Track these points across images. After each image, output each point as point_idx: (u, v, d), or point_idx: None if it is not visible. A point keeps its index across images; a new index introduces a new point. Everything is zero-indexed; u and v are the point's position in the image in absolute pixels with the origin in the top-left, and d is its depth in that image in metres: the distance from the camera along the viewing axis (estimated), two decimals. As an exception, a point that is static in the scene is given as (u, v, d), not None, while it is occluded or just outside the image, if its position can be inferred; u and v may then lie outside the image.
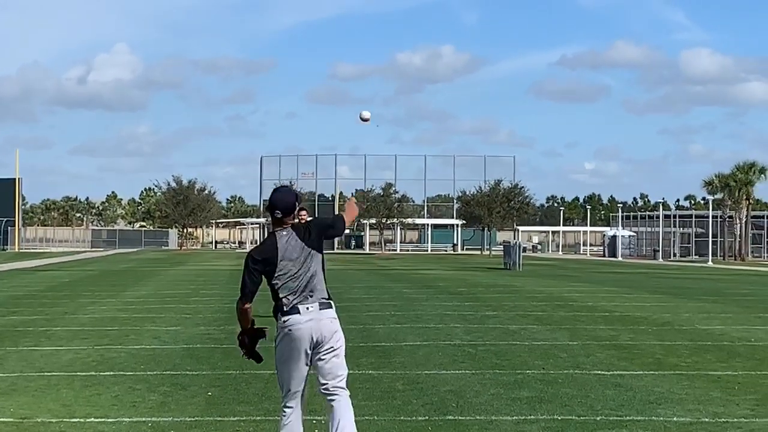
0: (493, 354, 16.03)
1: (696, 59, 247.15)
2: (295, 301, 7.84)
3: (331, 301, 8.03)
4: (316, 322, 7.82)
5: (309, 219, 8.31)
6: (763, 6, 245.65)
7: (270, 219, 8.05)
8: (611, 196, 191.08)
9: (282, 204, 7.94)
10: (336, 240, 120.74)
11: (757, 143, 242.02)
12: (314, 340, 7.82)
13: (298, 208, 8.03)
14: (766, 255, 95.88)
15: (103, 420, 10.57)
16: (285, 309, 7.85)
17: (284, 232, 7.92)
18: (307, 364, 7.91)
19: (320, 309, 7.88)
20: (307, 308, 7.83)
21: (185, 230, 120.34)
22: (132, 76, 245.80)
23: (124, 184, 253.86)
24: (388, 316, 23.02)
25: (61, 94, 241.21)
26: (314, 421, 10.13)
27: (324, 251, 8.14)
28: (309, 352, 7.86)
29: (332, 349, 7.89)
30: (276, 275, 7.86)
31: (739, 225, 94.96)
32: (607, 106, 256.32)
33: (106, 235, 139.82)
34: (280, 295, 7.88)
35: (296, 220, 7.98)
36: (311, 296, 7.87)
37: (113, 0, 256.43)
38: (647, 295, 32.61)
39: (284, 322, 7.85)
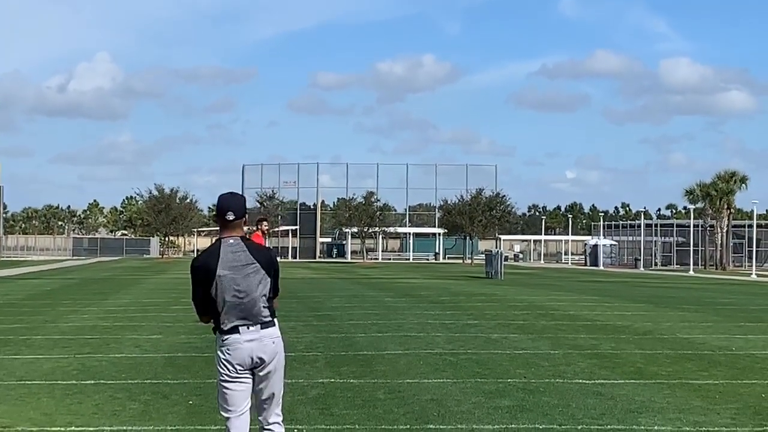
0: (474, 363, 16.04)
1: (676, 69, 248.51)
2: (235, 321, 7.29)
3: (275, 320, 7.45)
4: (258, 342, 7.31)
5: (267, 248, 7.63)
6: (742, 15, 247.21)
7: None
8: (593, 205, 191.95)
9: (235, 205, 7.39)
10: (318, 249, 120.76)
11: (737, 152, 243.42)
12: (254, 361, 7.32)
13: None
14: (747, 264, 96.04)
15: (84, 429, 10.54)
16: (224, 328, 7.32)
17: (231, 240, 7.37)
18: (249, 386, 7.42)
19: (261, 329, 7.31)
20: (248, 328, 7.28)
21: (167, 239, 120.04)
22: (113, 85, 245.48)
23: (106, 193, 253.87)
24: (369, 324, 23.01)
25: (41, 103, 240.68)
26: (296, 430, 10.13)
27: (279, 262, 7.64)
28: (248, 372, 7.37)
29: (269, 373, 7.40)
30: (214, 286, 7.28)
31: (720, 234, 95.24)
32: (588, 116, 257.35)
33: (88, 244, 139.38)
34: (220, 311, 7.32)
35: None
36: (253, 315, 7.30)
37: (94, 9, 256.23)
38: (628, 304, 32.67)
39: (223, 341, 7.34)
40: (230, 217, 7.38)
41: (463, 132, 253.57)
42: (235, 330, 7.30)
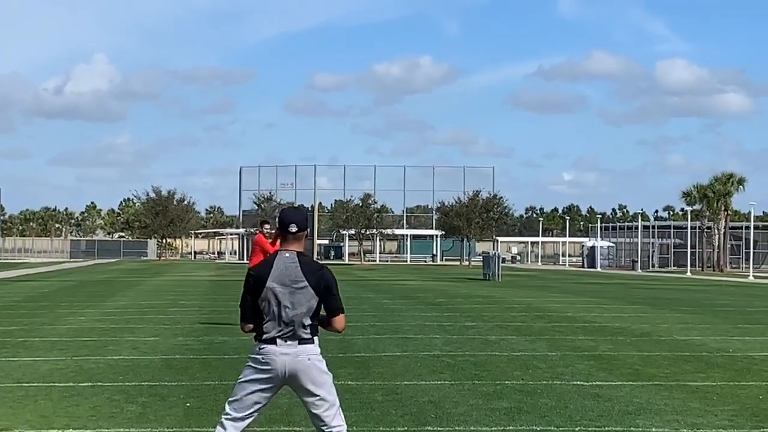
0: (472, 364, 16.04)
1: (673, 70, 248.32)
2: (274, 333, 7.36)
3: (315, 338, 7.45)
4: (292, 357, 7.34)
5: (321, 267, 7.59)
6: (739, 16, 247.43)
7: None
8: (590, 207, 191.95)
9: (298, 217, 7.56)
10: (315, 251, 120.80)
11: (734, 154, 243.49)
12: (286, 373, 7.35)
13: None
14: (744, 266, 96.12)
15: (81, 431, 10.53)
16: (263, 337, 7.40)
17: (287, 254, 7.49)
18: (265, 398, 7.48)
19: (299, 344, 7.35)
20: (286, 342, 7.34)
21: (164, 241, 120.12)
22: (111, 87, 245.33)
23: (104, 195, 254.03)
24: (367, 326, 23.01)
25: (39, 105, 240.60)
26: (293, 432, 10.13)
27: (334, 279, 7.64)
28: (275, 386, 7.45)
29: (311, 392, 7.43)
30: (262, 297, 7.41)
31: (717, 236, 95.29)
32: (585, 117, 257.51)
33: (85, 246, 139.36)
34: (263, 321, 7.42)
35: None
36: (293, 331, 7.35)
37: (92, 10, 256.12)
38: (626, 305, 32.68)
39: (260, 349, 7.41)
40: (293, 229, 7.52)
41: (461, 133, 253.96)
42: (272, 341, 7.37)
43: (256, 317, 7.49)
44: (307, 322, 7.38)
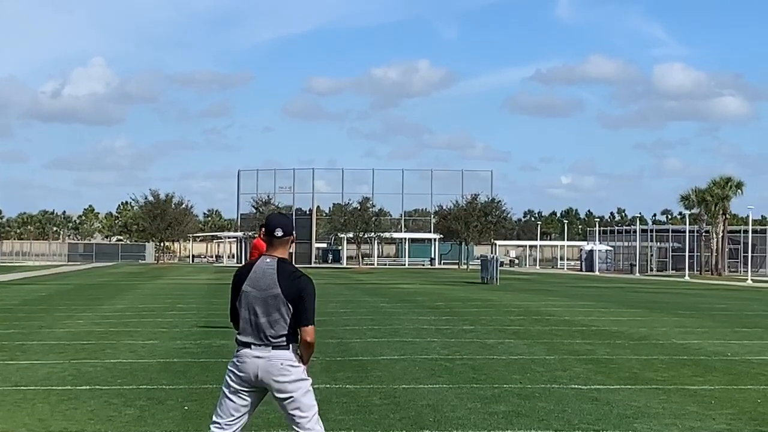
0: (470, 368, 16.04)
1: (670, 74, 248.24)
2: (248, 337, 7.39)
3: (291, 344, 7.38)
4: (266, 361, 7.33)
5: (300, 276, 7.51)
6: (736, 20, 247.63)
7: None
8: (588, 211, 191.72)
9: (283, 222, 7.58)
10: (313, 254, 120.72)
11: (732, 158, 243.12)
12: (258, 379, 7.34)
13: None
14: (742, 270, 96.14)
15: (78, 434, 10.53)
16: (238, 340, 7.45)
17: (268, 259, 7.49)
18: (246, 404, 7.48)
19: (272, 350, 7.32)
20: (259, 346, 7.34)
21: (162, 244, 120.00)
22: (108, 90, 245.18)
23: (101, 198, 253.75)
24: (365, 330, 23.00)
25: (37, 108, 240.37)
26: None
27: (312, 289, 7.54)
28: (252, 390, 7.44)
29: (287, 398, 7.38)
30: (238, 299, 7.47)
31: (715, 240, 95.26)
32: (582, 121, 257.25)
33: (83, 249, 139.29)
34: (238, 326, 7.48)
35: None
36: (265, 336, 7.33)
37: (90, 14, 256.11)
38: (624, 309, 32.69)
39: (236, 352, 7.46)
40: (279, 233, 7.54)
41: (458, 137, 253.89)
42: (247, 345, 7.41)
43: (238, 318, 7.55)
44: (281, 330, 7.36)
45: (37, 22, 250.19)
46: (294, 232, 7.70)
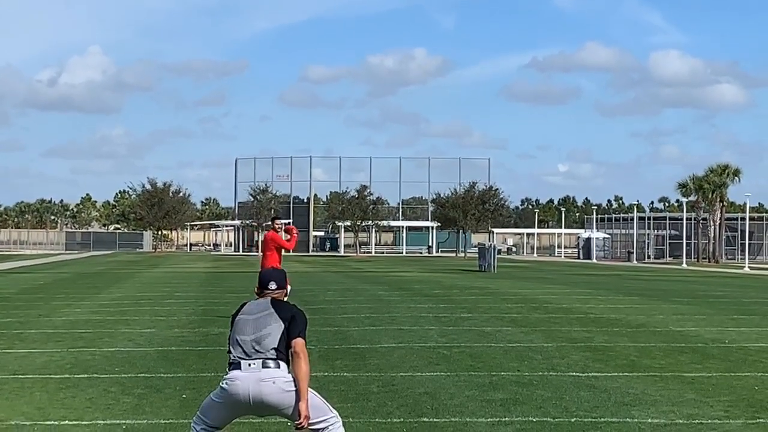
0: (468, 356, 16.05)
1: (666, 61, 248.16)
2: (239, 355, 7.46)
3: (280, 362, 7.41)
4: (255, 379, 7.34)
5: (292, 306, 7.76)
6: (731, 7, 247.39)
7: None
8: (586, 199, 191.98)
9: (277, 276, 7.87)
10: (311, 242, 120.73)
11: (728, 145, 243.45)
12: (251, 398, 7.36)
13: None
14: (739, 257, 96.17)
15: (77, 423, 10.54)
16: (230, 361, 7.52)
17: (261, 300, 7.74)
18: (234, 416, 7.63)
19: (263, 367, 7.36)
20: (249, 365, 7.38)
21: (160, 233, 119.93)
22: (105, 78, 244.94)
23: (99, 187, 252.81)
24: (363, 318, 23.01)
25: (33, 97, 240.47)
26: (289, 423, 10.12)
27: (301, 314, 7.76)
28: (243, 408, 7.49)
29: (284, 410, 7.44)
30: (232, 329, 7.64)
31: (713, 227, 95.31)
32: (579, 109, 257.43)
33: (81, 238, 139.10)
34: (231, 349, 7.56)
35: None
36: (256, 352, 7.41)
37: (86, 2, 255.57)
38: (622, 297, 32.70)
39: (227, 374, 7.51)
40: (272, 286, 7.79)
41: (455, 125, 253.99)
42: (237, 365, 7.45)
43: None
44: (273, 346, 7.41)
45: (34, 10, 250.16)
46: (288, 286, 8.00)
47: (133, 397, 12.01)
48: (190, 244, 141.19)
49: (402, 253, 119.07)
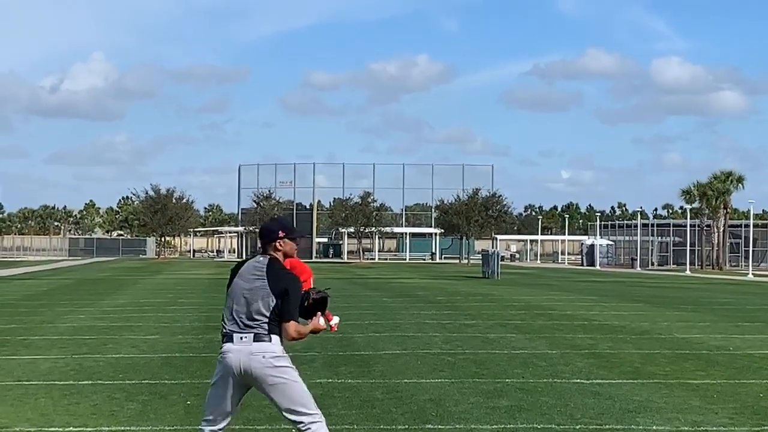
0: (472, 363, 16.04)
1: (668, 68, 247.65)
2: (231, 327, 7.48)
3: (272, 335, 7.42)
4: (246, 352, 7.36)
5: (288, 273, 7.69)
6: (734, 14, 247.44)
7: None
8: (589, 205, 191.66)
9: (264, 230, 7.78)
10: (314, 249, 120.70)
11: (731, 152, 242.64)
12: (241, 369, 7.39)
13: (279, 231, 7.75)
14: (743, 264, 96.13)
15: (81, 429, 10.53)
16: (223, 332, 7.55)
17: (261, 258, 7.66)
18: (234, 398, 7.56)
19: (254, 341, 7.37)
20: (241, 338, 7.40)
21: (163, 239, 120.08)
22: (107, 85, 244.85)
23: (102, 193, 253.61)
24: (366, 325, 23.01)
25: (36, 103, 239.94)
26: (293, 430, 10.11)
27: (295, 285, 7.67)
28: (237, 384, 7.50)
29: (272, 386, 7.43)
30: (228, 292, 7.64)
31: (716, 234, 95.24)
32: (581, 115, 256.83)
33: (84, 244, 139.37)
34: (224, 321, 7.59)
35: (277, 245, 7.67)
36: (247, 326, 7.42)
37: (89, 8, 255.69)
38: (625, 303, 32.69)
39: (221, 347, 7.54)
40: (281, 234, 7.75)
41: (458, 132, 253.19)
42: (229, 338, 7.48)
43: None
44: (263, 318, 7.42)
45: (37, 16, 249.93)
46: (277, 238, 7.76)
47: (137, 404, 12.00)
48: (194, 251, 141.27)
49: (405, 259, 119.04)
